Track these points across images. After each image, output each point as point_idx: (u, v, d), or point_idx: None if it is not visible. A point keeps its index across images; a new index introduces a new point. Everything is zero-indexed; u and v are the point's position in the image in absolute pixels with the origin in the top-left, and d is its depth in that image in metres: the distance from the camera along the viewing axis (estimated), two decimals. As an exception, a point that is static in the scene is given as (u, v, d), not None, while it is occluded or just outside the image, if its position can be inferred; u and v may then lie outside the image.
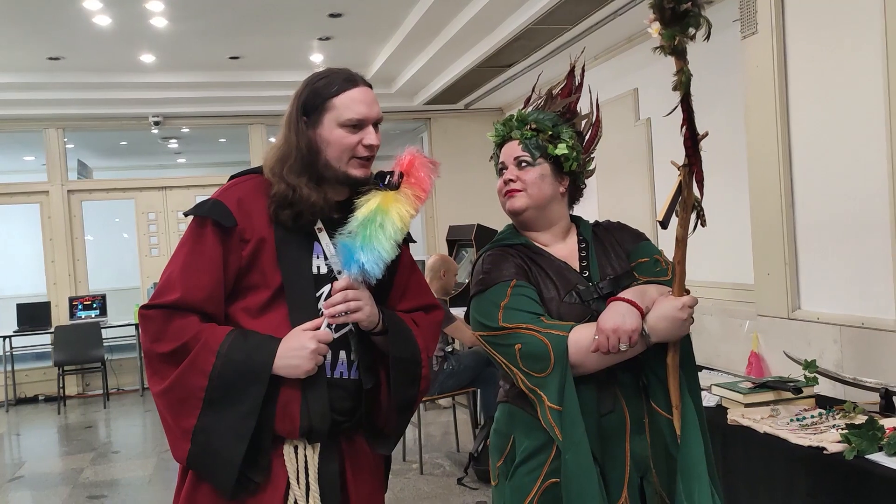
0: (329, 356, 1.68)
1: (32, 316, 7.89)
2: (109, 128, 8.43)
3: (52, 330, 7.71)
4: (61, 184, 8.14)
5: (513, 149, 1.80)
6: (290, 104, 1.74)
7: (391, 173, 1.70)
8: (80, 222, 8.28)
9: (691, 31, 1.43)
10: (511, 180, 1.78)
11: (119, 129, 8.61)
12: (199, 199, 9.17)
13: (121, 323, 8.14)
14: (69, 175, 8.40)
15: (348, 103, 1.68)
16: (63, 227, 8.10)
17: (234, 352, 1.60)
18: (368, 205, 1.66)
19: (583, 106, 1.91)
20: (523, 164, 1.78)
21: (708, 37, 1.43)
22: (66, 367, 7.65)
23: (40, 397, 8.06)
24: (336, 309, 1.65)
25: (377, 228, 1.63)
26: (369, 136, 1.70)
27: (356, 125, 1.69)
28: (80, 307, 8.00)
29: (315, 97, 1.70)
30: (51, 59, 6.52)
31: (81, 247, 8.27)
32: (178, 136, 9.77)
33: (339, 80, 1.70)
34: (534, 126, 1.80)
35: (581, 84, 1.90)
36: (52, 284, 8.14)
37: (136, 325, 7.98)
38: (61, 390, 7.59)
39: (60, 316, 8.01)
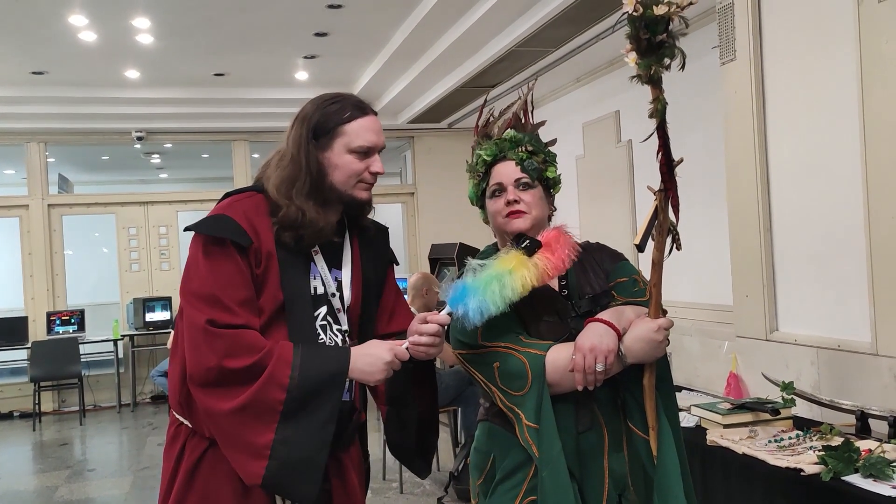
0: None
1: (9, 330, 7.78)
2: (92, 142, 8.40)
3: (29, 345, 7.61)
4: (42, 198, 8.07)
5: (511, 169, 1.79)
6: (298, 125, 1.74)
7: (531, 239, 1.66)
8: (60, 237, 8.21)
9: (667, 61, 1.46)
10: (515, 201, 1.77)
11: (102, 144, 8.58)
12: (181, 215, 9.03)
13: (99, 339, 8.05)
14: (50, 189, 8.34)
15: (359, 131, 1.71)
16: (42, 241, 8.03)
17: (310, 361, 1.61)
18: (504, 260, 1.63)
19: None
20: (524, 185, 1.78)
21: (683, 67, 1.46)
22: (42, 383, 7.54)
23: (15, 413, 7.93)
24: (422, 339, 1.64)
25: (498, 284, 1.59)
26: (376, 163, 1.74)
27: (365, 152, 1.72)
28: (57, 322, 7.91)
29: (327, 121, 1.72)
30: (35, 73, 6.50)
31: (60, 261, 8.19)
32: (160, 151, 9.74)
33: (351, 106, 1.73)
34: (529, 148, 1.80)
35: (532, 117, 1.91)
36: (29, 299, 8.04)
37: (115, 342, 7.91)
38: (37, 406, 7.48)
39: (37, 331, 7.91)
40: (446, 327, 1.68)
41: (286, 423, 1.58)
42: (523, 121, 1.87)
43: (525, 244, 1.65)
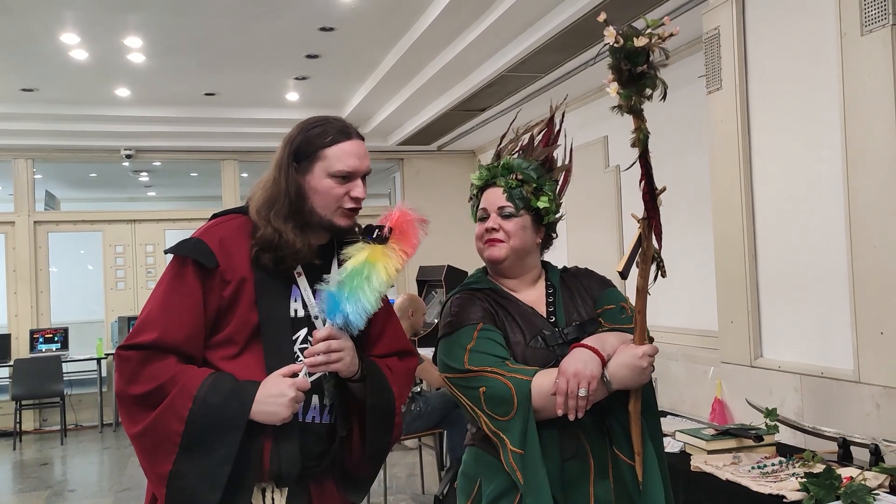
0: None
1: (-9, 348, 7.71)
2: (81, 160, 8.37)
3: (11, 363, 7.53)
4: (28, 214, 8.03)
5: (496, 196, 1.81)
6: (282, 147, 1.74)
7: (380, 227, 1.70)
8: (46, 254, 8.16)
9: (647, 91, 1.49)
10: (494, 229, 1.79)
11: (90, 162, 8.55)
12: (168, 233, 8.97)
13: (82, 357, 7.98)
14: (36, 206, 8.30)
15: (340, 155, 1.70)
16: (28, 258, 7.97)
17: (212, 397, 1.58)
18: (357, 257, 1.66)
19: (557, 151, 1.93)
20: (506, 213, 1.79)
21: (664, 98, 1.49)
22: (23, 402, 7.45)
23: (-5, 432, 7.85)
24: (317, 359, 1.64)
25: (364, 281, 1.63)
26: (357, 188, 1.72)
27: (346, 177, 1.71)
28: (41, 340, 7.83)
29: (308, 145, 1.71)
30: (24, 90, 6.50)
31: (45, 278, 8.13)
32: (148, 169, 9.72)
33: (334, 130, 1.72)
34: (520, 177, 1.81)
35: (559, 132, 1.93)
36: (13, 316, 7.97)
37: (98, 360, 7.84)
38: (17, 425, 7.39)
39: (20, 348, 7.83)
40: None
41: (184, 455, 1.57)
42: (535, 144, 1.88)
43: (375, 234, 1.69)
